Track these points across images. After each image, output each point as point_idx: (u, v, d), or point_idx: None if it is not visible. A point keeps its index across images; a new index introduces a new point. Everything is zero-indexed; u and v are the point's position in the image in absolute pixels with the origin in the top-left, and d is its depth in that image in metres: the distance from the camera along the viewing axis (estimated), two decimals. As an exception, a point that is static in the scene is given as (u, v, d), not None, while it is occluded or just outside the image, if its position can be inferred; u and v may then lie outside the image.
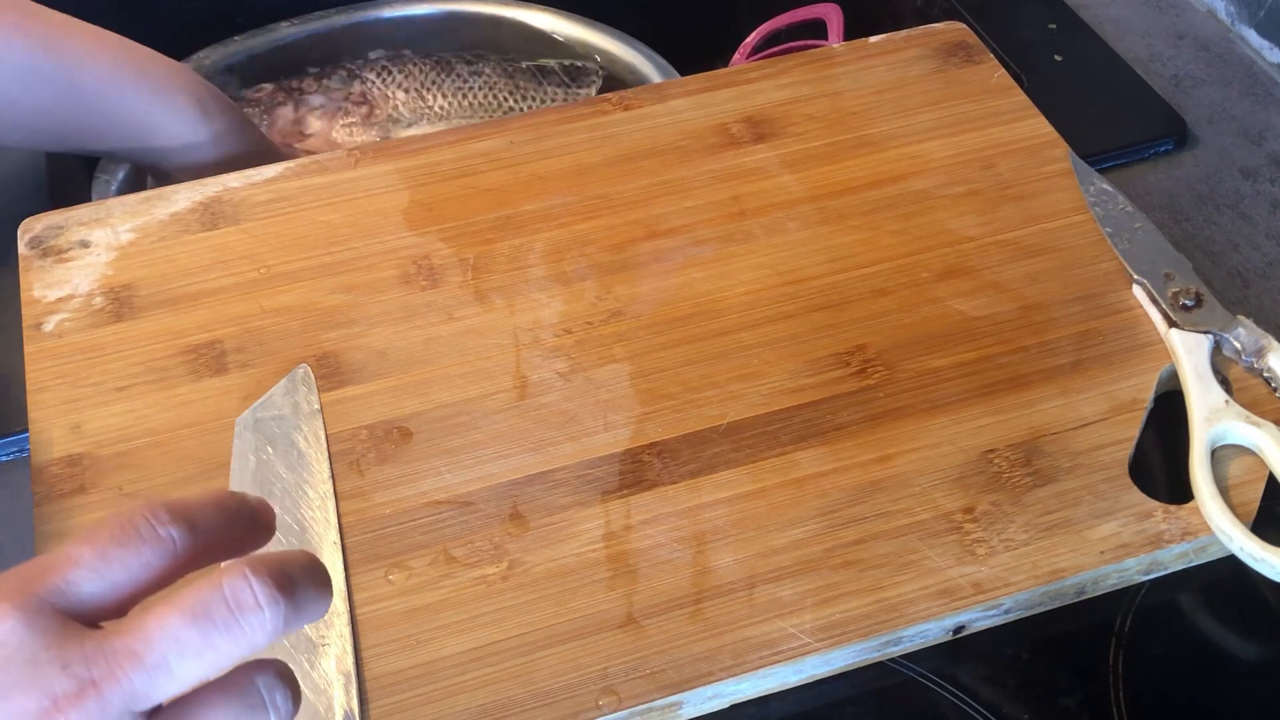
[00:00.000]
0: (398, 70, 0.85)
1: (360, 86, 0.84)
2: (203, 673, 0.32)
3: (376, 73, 0.85)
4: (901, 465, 0.53)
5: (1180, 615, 0.53)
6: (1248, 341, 0.56)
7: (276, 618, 0.33)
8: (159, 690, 0.32)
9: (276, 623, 0.33)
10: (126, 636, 0.32)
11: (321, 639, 0.47)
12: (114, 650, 0.32)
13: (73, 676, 0.31)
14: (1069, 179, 0.65)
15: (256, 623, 0.32)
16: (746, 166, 0.66)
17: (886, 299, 0.59)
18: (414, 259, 0.61)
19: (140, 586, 0.33)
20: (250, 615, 0.32)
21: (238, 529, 0.35)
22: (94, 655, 0.32)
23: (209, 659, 0.32)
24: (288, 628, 0.33)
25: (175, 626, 0.32)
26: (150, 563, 0.33)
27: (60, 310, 0.59)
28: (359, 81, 0.85)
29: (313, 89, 0.84)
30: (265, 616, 0.32)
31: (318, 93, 0.84)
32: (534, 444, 0.54)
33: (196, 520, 0.34)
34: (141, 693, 0.32)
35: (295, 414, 0.55)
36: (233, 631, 0.32)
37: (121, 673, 0.31)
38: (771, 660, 0.47)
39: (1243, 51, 0.79)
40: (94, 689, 0.31)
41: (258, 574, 0.33)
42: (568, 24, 0.87)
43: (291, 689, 0.34)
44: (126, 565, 0.33)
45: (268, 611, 0.32)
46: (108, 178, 0.74)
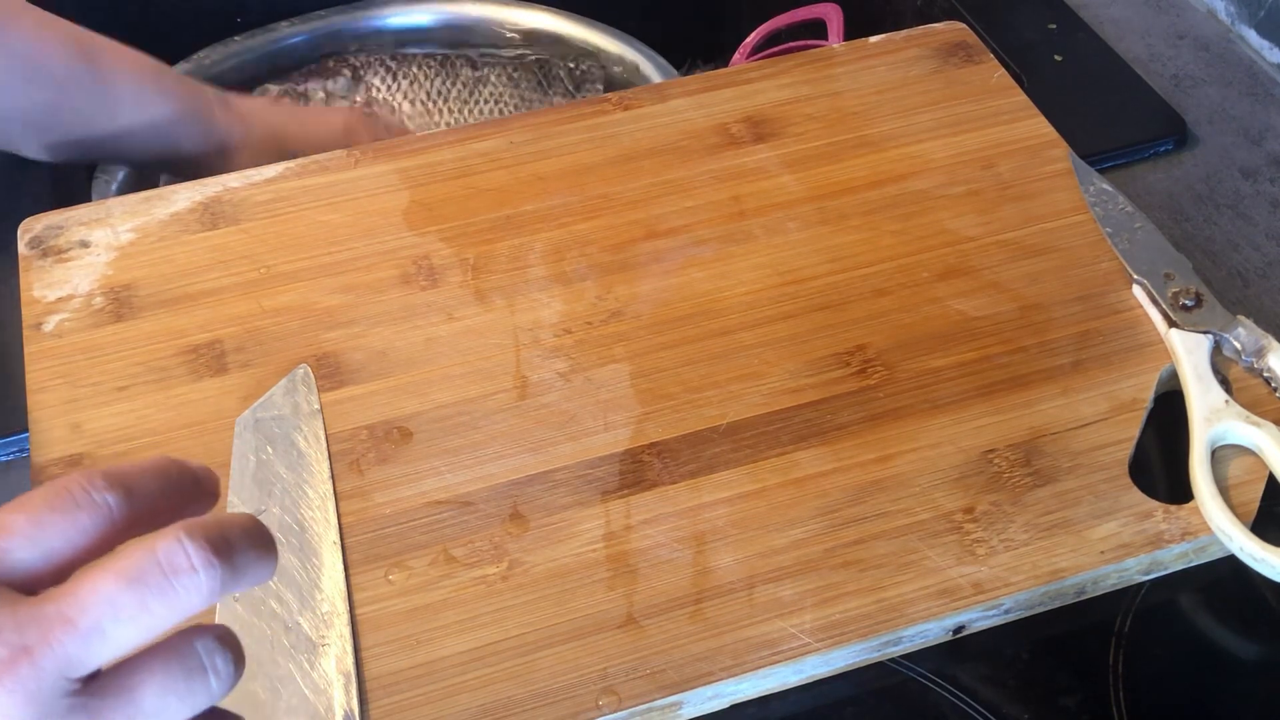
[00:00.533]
0: (402, 75, 0.85)
1: (365, 93, 0.84)
2: (138, 637, 0.32)
3: (380, 77, 0.85)
4: (901, 465, 0.53)
5: (1180, 615, 0.53)
6: (1248, 341, 0.56)
7: (212, 580, 0.32)
8: (94, 655, 0.32)
9: (212, 585, 0.32)
10: (60, 602, 0.31)
11: (321, 639, 0.47)
12: (47, 616, 0.31)
13: (4, 643, 0.31)
14: (1069, 179, 0.65)
15: (191, 585, 0.32)
16: (746, 166, 0.66)
17: (886, 299, 0.59)
18: (414, 259, 0.61)
19: (77, 553, 0.33)
20: (185, 578, 0.32)
21: (179, 496, 0.35)
22: (26, 621, 0.31)
23: (144, 623, 0.32)
24: (225, 590, 0.32)
25: (109, 591, 0.31)
26: (86, 529, 0.33)
27: (60, 310, 0.59)
28: (364, 86, 0.84)
29: (317, 92, 0.84)
30: (200, 579, 0.32)
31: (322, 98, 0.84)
32: (534, 444, 0.54)
33: (134, 486, 0.34)
34: (76, 658, 0.31)
35: (295, 414, 0.55)
36: (167, 595, 0.32)
37: (55, 638, 0.31)
38: (771, 660, 0.47)
39: (1243, 51, 0.79)
40: (26, 655, 0.31)
41: (193, 537, 0.32)
42: (568, 24, 0.87)
43: (233, 652, 0.34)
44: (62, 532, 0.33)
45: (203, 574, 0.32)
46: (108, 178, 0.74)
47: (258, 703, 0.45)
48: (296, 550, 0.50)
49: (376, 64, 0.85)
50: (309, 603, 0.48)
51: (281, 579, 0.49)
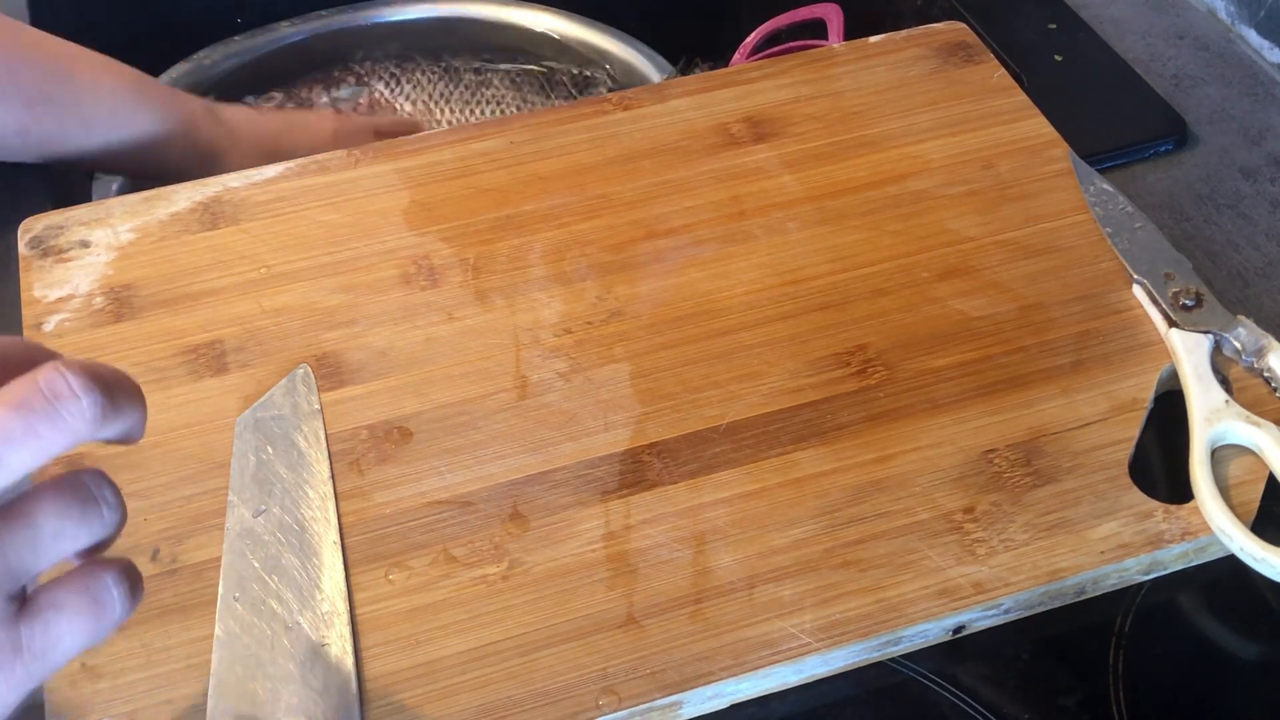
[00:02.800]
0: (406, 80, 0.85)
1: (368, 96, 0.84)
2: (29, 461, 0.34)
3: (385, 82, 0.85)
4: (901, 465, 0.53)
5: (1180, 615, 0.53)
6: (1248, 341, 0.56)
7: (94, 405, 0.34)
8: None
9: (94, 410, 0.34)
10: None
11: (321, 639, 0.47)
12: None
13: None
14: (1069, 179, 0.65)
15: (76, 410, 0.34)
16: (746, 166, 0.66)
17: (886, 299, 0.59)
18: (414, 259, 0.61)
19: None
20: (68, 403, 0.34)
21: (35, 362, 0.36)
22: None
23: (34, 446, 0.34)
24: (105, 419, 0.35)
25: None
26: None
27: (60, 310, 0.59)
28: (367, 90, 0.84)
29: (321, 98, 0.84)
30: (83, 404, 0.34)
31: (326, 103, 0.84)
32: (534, 444, 0.54)
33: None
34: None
35: (295, 414, 0.55)
36: (53, 419, 0.34)
37: None
38: (771, 660, 0.47)
39: (1243, 51, 0.79)
40: None
41: (70, 367, 0.34)
42: (568, 24, 0.87)
43: (113, 488, 0.36)
44: None
45: (85, 400, 0.34)
46: (108, 178, 0.74)
47: (258, 703, 0.45)
48: (296, 550, 0.50)
49: (381, 70, 0.86)
50: (309, 603, 0.48)
51: (281, 579, 0.49)
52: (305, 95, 0.84)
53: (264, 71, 0.86)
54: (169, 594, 0.49)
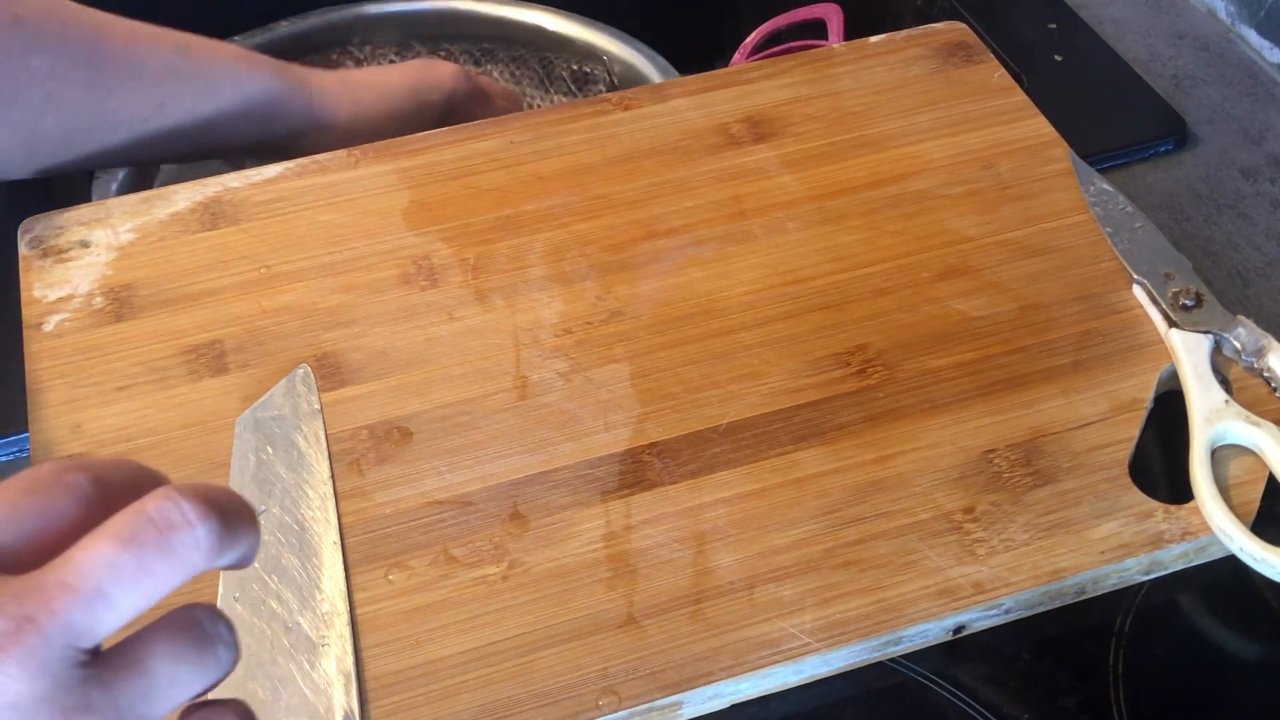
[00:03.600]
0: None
1: None
2: (141, 602, 0.31)
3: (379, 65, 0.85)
4: (901, 465, 0.53)
5: (1180, 615, 0.53)
6: (1248, 341, 0.56)
7: (210, 535, 0.32)
8: (100, 622, 0.31)
9: (210, 540, 0.32)
10: (58, 571, 0.31)
11: (321, 639, 0.47)
12: (47, 585, 0.30)
13: (6, 616, 0.30)
14: (1069, 179, 0.65)
15: (190, 542, 0.31)
16: (746, 166, 0.66)
17: (886, 299, 0.59)
18: (414, 259, 0.61)
19: (55, 535, 0.32)
20: (182, 534, 0.31)
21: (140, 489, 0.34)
22: (26, 593, 0.30)
23: (146, 585, 0.31)
24: (222, 548, 0.32)
25: (107, 554, 0.31)
26: (63, 510, 0.32)
27: (60, 310, 0.59)
28: None
29: None
30: (199, 534, 0.31)
31: None
32: (534, 444, 0.54)
33: (101, 473, 0.33)
34: (82, 625, 0.30)
35: (295, 414, 0.55)
36: (166, 553, 0.31)
37: (58, 605, 0.30)
38: (771, 660, 0.47)
39: (1243, 51, 0.79)
40: (31, 625, 0.30)
41: (182, 493, 0.32)
42: (568, 23, 0.87)
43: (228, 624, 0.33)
44: (39, 513, 0.32)
45: (200, 529, 0.31)
46: (108, 178, 0.74)
47: (258, 703, 0.45)
48: (296, 550, 0.50)
49: (380, 58, 0.85)
50: (309, 603, 0.48)
51: (281, 579, 0.49)
52: None
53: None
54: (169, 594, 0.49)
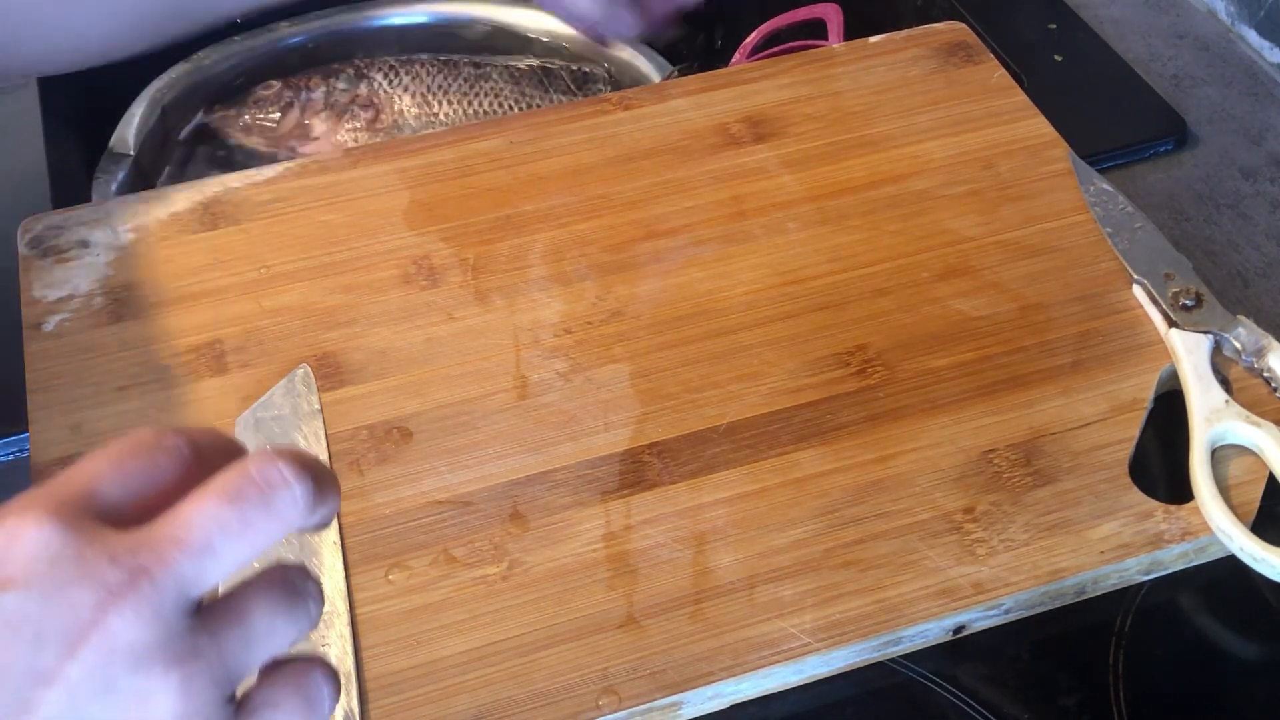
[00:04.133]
0: (404, 72, 0.85)
1: (367, 88, 0.84)
2: (245, 554, 0.33)
3: (383, 74, 0.85)
4: (901, 465, 0.53)
5: (1180, 615, 0.53)
6: (1248, 341, 0.56)
7: (307, 494, 0.34)
8: (207, 573, 0.33)
9: (307, 499, 0.34)
10: (168, 525, 0.33)
11: (321, 639, 0.47)
12: (157, 539, 0.32)
13: (121, 567, 0.32)
14: (1069, 179, 0.65)
15: (289, 499, 0.33)
16: (746, 166, 0.66)
17: (886, 299, 0.59)
18: (414, 259, 0.61)
19: (159, 493, 0.34)
20: (282, 492, 0.33)
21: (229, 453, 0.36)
22: (138, 546, 0.32)
23: (249, 539, 0.33)
24: (315, 506, 0.34)
25: (213, 509, 0.33)
26: (165, 471, 0.34)
27: (60, 310, 0.59)
28: (366, 82, 0.84)
29: (319, 88, 0.84)
30: (296, 493, 0.33)
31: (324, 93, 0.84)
32: (534, 444, 0.54)
33: (195, 438, 0.35)
34: (192, 576, 0.32)
35: (295, 414, 0.55)
36: (268, 509, 0.33)
37: (169, 557, 0.32)
38: (771, 660, 0.47)
39: (1243, 51, 0.79)
40: (145, 575, 0.32)
41: (282, 455, 0.34)
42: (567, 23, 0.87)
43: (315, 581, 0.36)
44: (144, 472, 0.34)
45: (297, 488, 0.33)
46: (108, 178, 0.74)
47: (258, 703, 0.45)
48: (296, 550, 0.50)
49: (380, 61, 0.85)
50: (309, 603, 0.48)
51: (281, 579, 0.49)
52: (304, 85, 0.84)
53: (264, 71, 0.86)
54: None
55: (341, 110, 0.83)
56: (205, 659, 0.32)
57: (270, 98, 0.83)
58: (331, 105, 0.83)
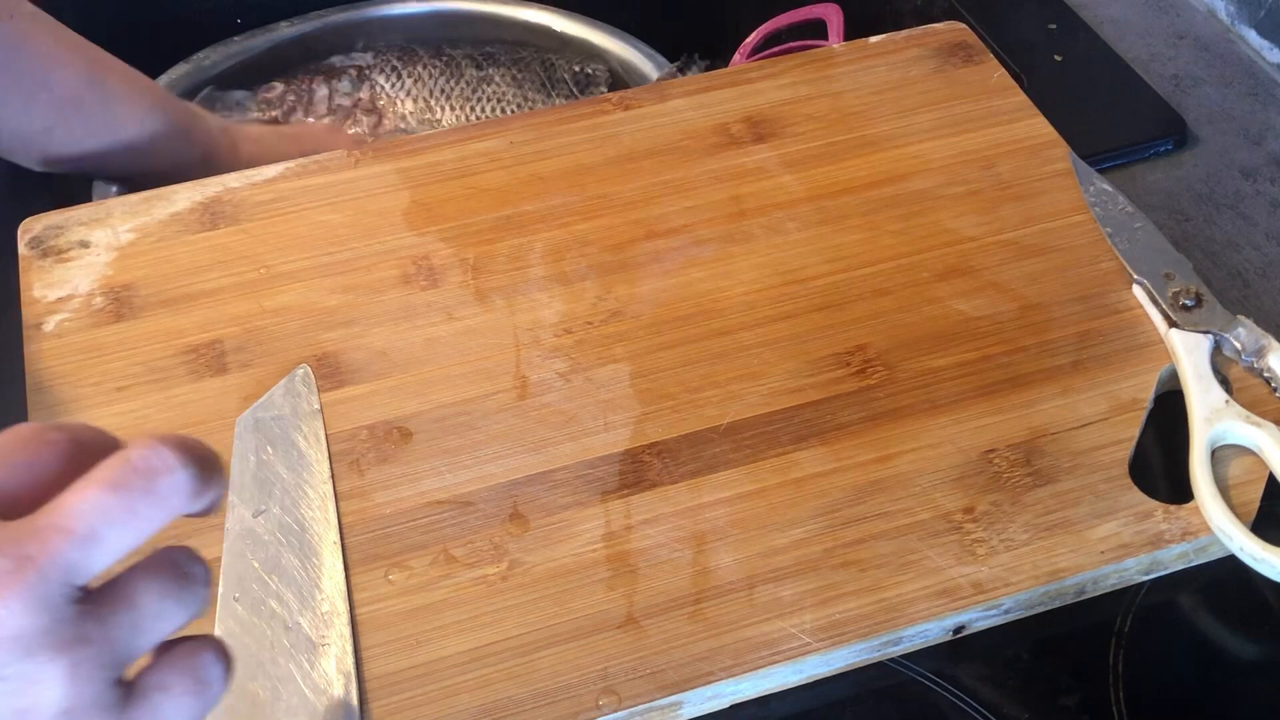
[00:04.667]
0: (407, 74, 0.85)
1: (369, 91, 0.84)
2: (130, 541, 0.34)
3: (386, 75, 0.85)
4: (901, 465, 0.53)
5: (1180, 615, 0.53)
6: (1248, 341, 0.56)
7: (190, 479, 0.34)
8: (93, 560, 0.33)
9: (191, 484, 0.34)
10: (52, 515, 0.33)
11: (321, 639, 0.47)
12: (42, 528, 0.33)
13: (5, 556, 0.32)
14: (1069, 179, 0.65)
15: (172, 484, 0.34)
16: (746, 166, 0.66)
17: (886, 299, 0.59)
18: (414, 259, 0.61)
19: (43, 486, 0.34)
20: (164, 478, 0.34)
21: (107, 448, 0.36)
22: (23, 535, 0.33)
23: (134, 525, 0.33)
24: (200, 491, 0.34)
25: (96, 497, 0.33)
26: (48, 464, 0.35)
27: (60, 310, 0.59)
28: (368, 85, 0.84)
29: (321, 89, 0.84)
30: (179, 478, 0.34)
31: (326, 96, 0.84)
32: (534, 444, 0.54)
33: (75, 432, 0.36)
34: (77, 563, 0.33)
35: (295, 414, 0.55)
36: (151, 495, 0.34)
37: (54, 546, 0.32)
38: (771, 660, 0.47)
39: (1243, 51, 0.79)
40: (30, 563, 0.32)
41: (163, 442, 0.34)
42: (568, 22, 0.87)
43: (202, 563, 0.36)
44: (26, 465, 0.35)
45: (180, 473, 0.34)
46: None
47: (258, 703, 0.45)
48: (296, 550, 0.50)
49: (382, 63, 0.85)
50: (309, 603, 0.48)
51: (281, 579, 0.49)
52: (306, 86, 0.84)
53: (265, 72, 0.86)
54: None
55: (344, 115, 0.83)
56: (93, 645, 0.33)
57: (273, 100, 0.84)
58: (334, 110, 0.84)
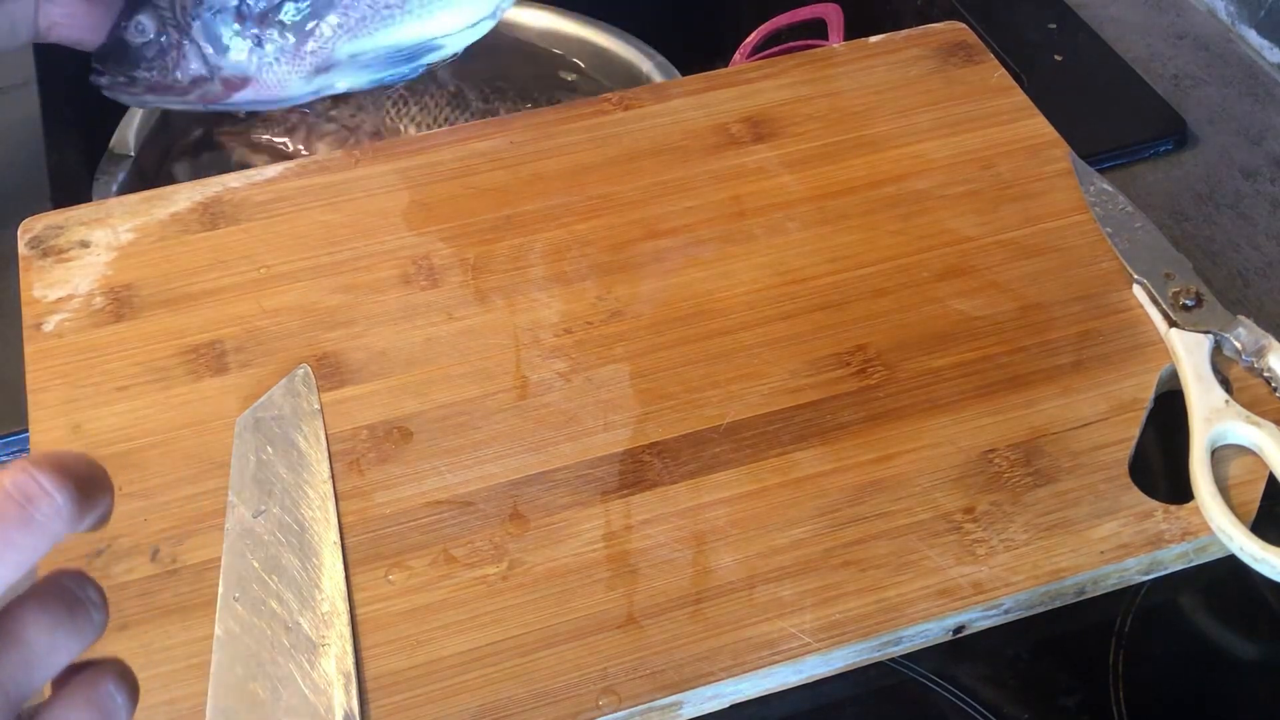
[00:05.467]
0: (414, 103, 0.85)
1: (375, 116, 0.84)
2: (9, 574, 0.32)
3: (393, 102, 0.85)
4: (901, 465, 0.53)
5: (1180, 615, 0.53)
6: (1248, 341, 0.56)
7: (69, 503, 0.32)
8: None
9: (70, 508, 0.32)
10: None
11: (321, 639, 0.47)
12: None
13: None
14: (1069, 179, 0.65)
15: (50, 511, 0.32)
16: (746, 166, 0.66)
17: (886, 299, 0.59)
18: (414, 259, 0.61)
19: None
20: (42, 504, 0.32)
21: None
22: None
23: (11, 558, 0.31)
24: (82, 514, 0.32)
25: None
26: None
27: (60, 310, 0.59)
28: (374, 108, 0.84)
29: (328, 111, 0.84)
30: (58, 502, 0.32)
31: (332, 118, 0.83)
32: (534, 444, 0.54)
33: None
34: None
35: (295, 414, 0.55)
36: (29, 525, 0.31)
37: None
38: (771, 660, 0.47)
39: (1243, 51, 0.79)
40: None
41: (38, 465, 0.32)
42: (568, 22, 0.87)
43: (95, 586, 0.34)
44: None
45: (58, 497, 0.32)
46: (108, 178, 0.74)
47: (258, 703, 0.46)
48: (296, 550, 0.50)
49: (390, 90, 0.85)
50: (309, 603, 0.48)
51: (281, 579, 0.49)
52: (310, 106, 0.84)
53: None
54: (169, 594, 0.49)
55: (346, 137, 0.83)
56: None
57: (278, 117, 0.84)
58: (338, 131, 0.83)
